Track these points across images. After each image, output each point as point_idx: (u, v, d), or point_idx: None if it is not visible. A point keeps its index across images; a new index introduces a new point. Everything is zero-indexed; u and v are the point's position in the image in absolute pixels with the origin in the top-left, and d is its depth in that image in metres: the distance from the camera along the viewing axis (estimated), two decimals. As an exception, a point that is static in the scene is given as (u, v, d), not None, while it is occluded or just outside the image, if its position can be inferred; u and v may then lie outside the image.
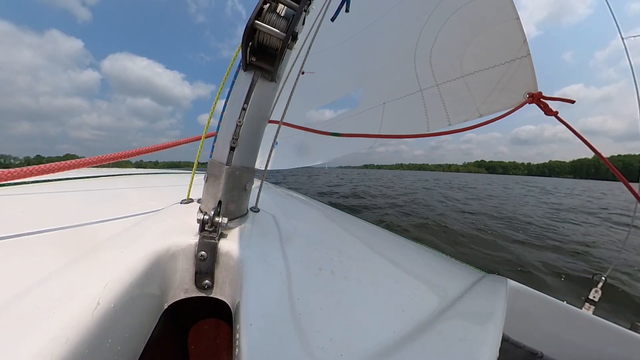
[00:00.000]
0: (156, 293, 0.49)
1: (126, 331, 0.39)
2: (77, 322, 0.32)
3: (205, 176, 0.63)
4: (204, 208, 0.64)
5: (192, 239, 0.54)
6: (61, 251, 0.48)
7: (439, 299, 0.57)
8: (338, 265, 0.62)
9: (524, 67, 1.19)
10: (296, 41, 0.56)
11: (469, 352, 0.39)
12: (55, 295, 0.35)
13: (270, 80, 0.61)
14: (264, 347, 0.36)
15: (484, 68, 1.32)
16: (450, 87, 1.46)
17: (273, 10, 0.53)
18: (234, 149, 0.60)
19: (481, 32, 1.32)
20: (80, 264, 0.43)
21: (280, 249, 0.63)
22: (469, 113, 1.40)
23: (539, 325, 0.70)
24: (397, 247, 0.92)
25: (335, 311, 0.46)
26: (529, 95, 1.18)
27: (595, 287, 0.89)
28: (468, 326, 0.46)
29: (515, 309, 0.71)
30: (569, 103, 1.20)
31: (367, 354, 0.37)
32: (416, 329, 0.45)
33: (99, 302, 0.35)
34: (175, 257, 0.52)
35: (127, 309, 0.39)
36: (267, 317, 0.41)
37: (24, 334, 0.29)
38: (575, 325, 0.67)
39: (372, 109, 1.89)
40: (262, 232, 0.68)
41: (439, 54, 1.50)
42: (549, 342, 0.67)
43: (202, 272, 0.54)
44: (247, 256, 0.54)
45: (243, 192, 0.67)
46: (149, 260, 0.47)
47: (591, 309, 0.82)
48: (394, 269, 0.69)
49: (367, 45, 1.91)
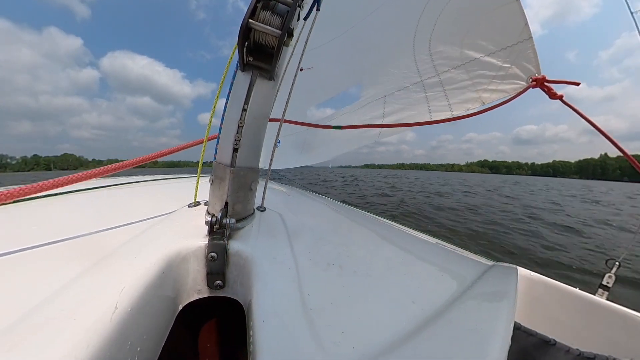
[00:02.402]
0: (170, 295, 0.50)
1: (144, 333, 0.41)
2: (98, 327, 0.33)
3: (211, 179, 0.64)
4: (211, 210, 0.65)
5: (202, 241, 0.55)
6: (77, 260, 0.49)
7: (449, 289, 0.57)
8: (346, 260, 0.62)
9: (526, 51, 1.16)
10: (292, 38, 0.56)
11: (480, 341, 0.39)
12: (75, 302, 0.36)
13: (269, 79, 0.61)
14: (278, 343, 0.36)
15: (484, 54, 1.29)
16: (451, 76, 1.44)
17: (267, 8, 0.52)
18: (237, 150, 0.60)
19: (480, 18, 1.29)
20: (96, 271, 0.45)
21: (289, 246, 0.63)
22: (471, 101, 1.37)
23: (551, 313, 0.69)
24: (404, 239, 0.92)
25: (346, 305, 0.46)
26: (533, 80, 1.16)
27: (608, 273, 0.87)
28: (479, 315, 0.46)
29: (527, 296, 0.70)
30: (574, 86, 1.17)
31: (379, 346, 0.38)
32: (427, 320, 0.45)
33: (116, 307, 0.36)
34: (187, 260, 0.53)
35: (144, 311, 0.41)
36: (279, 314, 0.41)
37: (48, 341, 0.30)
38: (589, 311, 0.66)
39: (373, 102, 1.87)
40: (270, 230, 0.69)
41: (438, 43, 1.47)
42: (562, 329, 0.66)
43: (213, 273, 0.55)
44: (257, 255, 0.55)
45: (249, 192, 0.67)
46: (162, 264, 0.48)
47: (604, 294, 0.81)
48: (402, 261, 0.69)
49: (365, 38, 1.88)
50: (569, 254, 3.96)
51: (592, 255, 4.00)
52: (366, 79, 1.94)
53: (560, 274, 3.17)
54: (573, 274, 3.25)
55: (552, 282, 0.72)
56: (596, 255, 3.97)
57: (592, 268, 3.36)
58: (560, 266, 3.50)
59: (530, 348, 0.53)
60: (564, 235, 5.14)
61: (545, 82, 1.13)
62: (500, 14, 1.21)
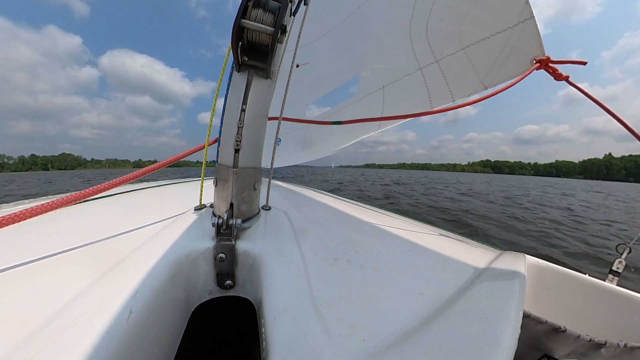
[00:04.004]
0: (182, 297, 0.51)
1: (159, 335, 0.42)
2: (114, 331, 0.34)
3: (215, 181, 0.65)
4: (217, 212, 0.66)
5: (210, 242, 0.56)
6: (91, 267, 0.51)
7: (457, 279, 0.57)
8: (353, 254, 0.63)
9: (528, 31, 1.12)
10: (286, 34, 0.55)
11: (490, 330, 0.39)
12: (92, 308, 0.38)
13: (265, 78, 0.60)
14: (289, 338, 0.37)
15: (484, 37, 1.25)
16: (450, 61, 1.40)
17: (258, 5, 0.52)
18: (238, 151, 0.60)
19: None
20: (110, 277, 0.46)
21: (296, 244, 0.64)
22: (473, 86, 1.34)
23: (561, 300, 0.68)
24: (410, 232, 0.92)
25: (355, 299, 0.47)
26: (536, 61, 1.11)
27: (619, 258, 0.85)
28: (488, 304, 0.46)
29: (535, 284, 0.69)
30: (580, 65, 1.13)
31: (390, 338, 0.38)
32: (436, 310, 0.45)
33: (131, 311, 0.37)
34: (196, 262, 0.55)
35: (158, 314, 0.42)
36: (289, 310, 0.42)
37: (67, 346, 0.32)
38: (599, 297, 0.65)
39: (372, 94, 1.84)
40: (276, 228, 0.70)
41: (435, 27, 1.43)
42: (572, 316, 0.65)
43: (223, 273, 0.56)
44: (264, 253, 0.56)
45: (253, 192, 0.68)
46: (172, 268, 0.49)
47: (615, 280, 0.80)
48: (409, 254, 0.69)
49: (360, 28, 1.84)
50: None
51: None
52: (364, 70, 1.91)
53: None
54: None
55: (560, 269, 0.71)
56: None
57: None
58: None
59: (541, 335, 0.53)
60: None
61: (550, 63, 1.09)
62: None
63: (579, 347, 0.51)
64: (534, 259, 0.74)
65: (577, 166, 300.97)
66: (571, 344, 0.51)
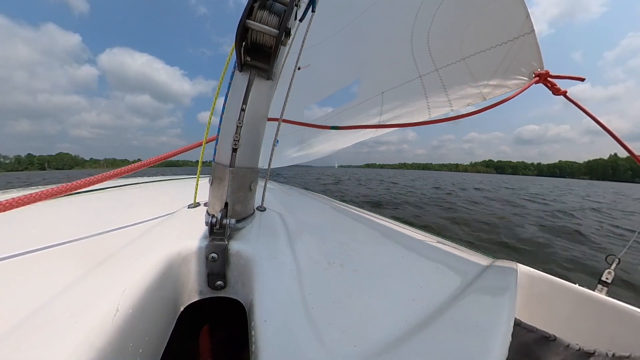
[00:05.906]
0: (172, 296, 0.50)
1: (146, 334, 0.41)
2: (99, 329, 0.33)
3: (210, 179, 0.64)
4: (211, 211, 0.65)
5: (202, 241, 0.56)
6: (78, 262, 0.50)
7: (450, 286, 0.57)
8: (347, 259, 0.62)
9: (528, 45, 1.14)
10: (290, 37, 0.55)
11: (481, 337, 0.39)
12: (76, 304, 0.37)
13: (267, 79, 0.60)
14: (279, 342, 0.37)
15: (485, 49, 1.27)
16: (450, 71, 1.42)
17: (264, 7, 0.52)
18: (236, 150, 0.60)
19: (480, 11, 1.27)
20: (97, 273, 0.45)
21: (289, 246, 0.63)
22: (472, 97, 1.36)
23: (551, 309, 0.69)
24: (404, 237, 0.92)
25: (347, 304, 0.46)
26: (536, 75, 1.14)
27: (608, 268, 0.87)
28: (479, 312, 0.46)
29: (526, 293, 0.70)
30: (579, 81, 1.16)
31: (381, 344, 0.38)
32: (428, 317, 0.45)
33: (117, 309, 0.37)
34: (188, 261, 0.54)
35: (145, 313, 0.41)
36: (280, 313, 0.42)
37: (51, 343, 0.31)
38: (588, 307, 0.66)
39: (371, 99, 1.85)
40: (270, 230, 0.69)
41: (436, 36, 1.45)
42: (562, 325, 0.66)
43: (214, 273, 0.55)
44: (257, 255, 0.55)
45: (248, 193, 0.67)
46: (162, 265, 0.48)
47: (604, 290, 0.81)
48: (402, 259, 0.69)
49: (362, 34, 1.86)
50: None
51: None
52: (364, 75, 1.93)
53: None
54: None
55: (551, 278, 0.72)
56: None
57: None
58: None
59: (531, 344, 0.54)
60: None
61: (549, 78, 1.11)
62: (502, 6, 1.19)
63: (569, 356, 0.51)
64: (526, 267, 0.75)
65: (582, 166, 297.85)
66: (561, 352, 0.52)
